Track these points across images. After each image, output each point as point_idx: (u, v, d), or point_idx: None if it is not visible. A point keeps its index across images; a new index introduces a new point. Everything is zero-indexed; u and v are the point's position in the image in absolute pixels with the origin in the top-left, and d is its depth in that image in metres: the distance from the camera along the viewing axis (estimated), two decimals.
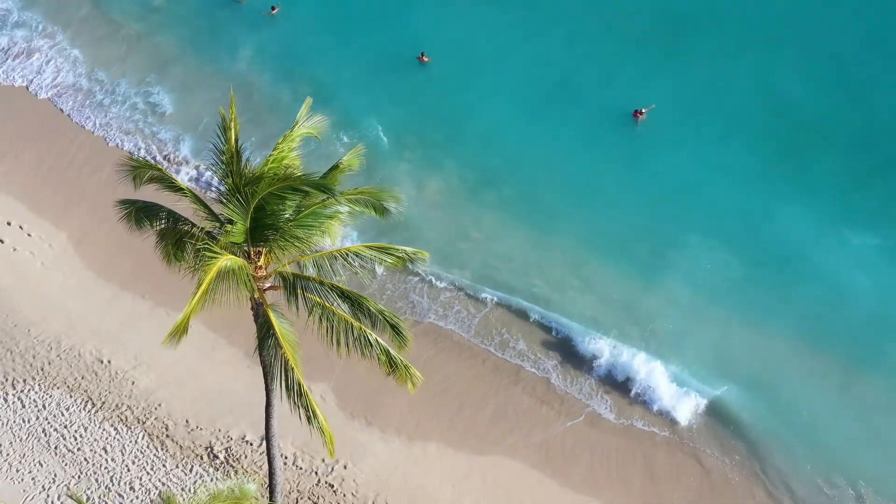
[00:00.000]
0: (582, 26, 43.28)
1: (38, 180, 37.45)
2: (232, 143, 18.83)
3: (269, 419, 22.25)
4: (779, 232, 34.64)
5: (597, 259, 34.44)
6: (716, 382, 30.57)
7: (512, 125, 39.35)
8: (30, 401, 29.59)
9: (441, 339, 32.19)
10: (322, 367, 29.04)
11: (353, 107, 40.15)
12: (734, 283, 33.33)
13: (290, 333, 19.05)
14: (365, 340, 19.52)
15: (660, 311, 32.75)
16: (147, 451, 28.54)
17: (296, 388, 18.37)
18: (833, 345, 31.30)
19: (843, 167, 36.72)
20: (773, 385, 30.43)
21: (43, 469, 27.88)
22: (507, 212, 36.25)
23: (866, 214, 35.01)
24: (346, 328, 19.50)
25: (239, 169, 18.62)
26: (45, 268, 33.80)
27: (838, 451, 28.70)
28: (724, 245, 34.31)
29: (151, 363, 30.90)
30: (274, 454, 22.94)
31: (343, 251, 19.23)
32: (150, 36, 44.23)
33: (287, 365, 18.45)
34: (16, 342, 31.13)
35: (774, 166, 36.80)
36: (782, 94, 39.38)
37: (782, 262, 33.89)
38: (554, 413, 30.10)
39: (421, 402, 29.85)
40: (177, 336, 18.05)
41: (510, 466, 28.69)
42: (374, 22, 44.14)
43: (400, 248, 19.56)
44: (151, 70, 42.50)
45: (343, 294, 19.53)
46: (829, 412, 29.65)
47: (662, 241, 34.68)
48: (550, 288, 33.65)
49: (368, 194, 19.12)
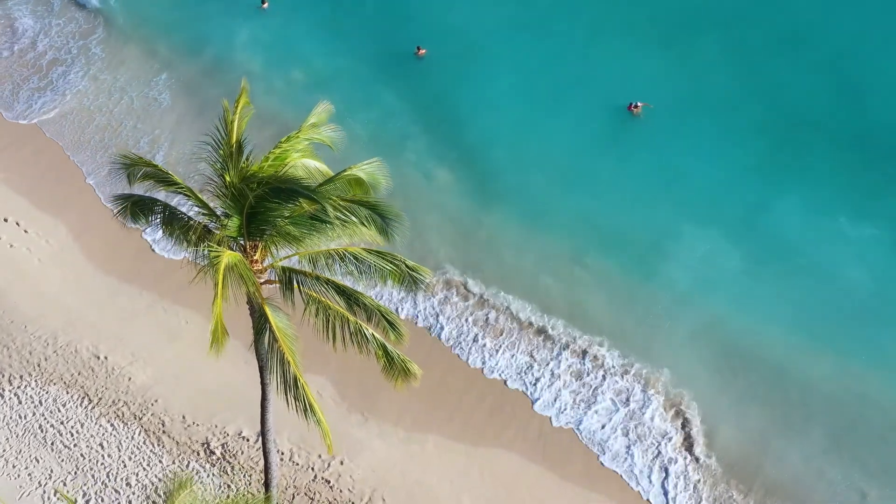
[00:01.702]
0: (579, 19, 43.40)
1: (37, 174, 37.46)
2: (233, 137, 18.71)
3: (264, 414, 22.18)
4: (776, 224, 34.61)
5: (592, 255, 34.28)
6: (710, 382, 30.53)
7: (508, 119, 39.36)
8: (26, 397, 29.54)
9: (437, 335, 32.16)
10: (319, 361, 28.95)
11: (347, 102, 40.00)
12: (732, 274, 33.29)
13: (286, 327, 18.96)
14: (361, 335, 19.45)
15: (658, 311, 32.56)
16: (143, 447, 28.49)
17: (292, 382, 18.30)
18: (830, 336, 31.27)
19: (840, 159, 36.62)
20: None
21: (39, 465, 27.82)
22: (504, 205, 36.23)
23: (865, 205, 34.92)
24: (342, 323, 19.43)
25: (238, 164, 18.48)
26: (42, 264, 33.75)
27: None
28: (721, 236, 34.30)
29: (148, 359, 30.85)
30: (269, 449, 22.88)
31: (341, 251, 19.03)
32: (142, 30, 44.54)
33: (283, 358, 18.39)
34: (13, 338, 31.08)
35: (771, 158, 36.77)
36: (779, 87, 39.36)
37: (779, 254, 33.83)
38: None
39: (418, 397, 29.73)
40: (218, 343, 17.83)
41: (508, 461, 28.62)
42: (368, 15, 44.25)
43: (399, 257, 19.26)
44: (149, 65, 42.70)
45: (339, 289, 19.43)
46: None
47: (658, 236, 34.63)
48: (547, 284, 33.51)
49: (367, 206, 18.44)
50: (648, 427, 29.30)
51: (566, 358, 31.20)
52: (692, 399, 29.80)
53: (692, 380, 30.32)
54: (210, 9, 45.65)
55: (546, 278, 33.61)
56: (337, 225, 18.23)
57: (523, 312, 32.61)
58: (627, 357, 31.09)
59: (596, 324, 32.16)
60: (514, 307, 32.85)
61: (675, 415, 29.52)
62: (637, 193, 36.06)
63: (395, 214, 18.67)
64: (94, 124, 40.19)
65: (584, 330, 31.97)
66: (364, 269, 19.30)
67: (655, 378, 30.40)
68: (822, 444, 28.51)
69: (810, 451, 28.35)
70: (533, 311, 32.63)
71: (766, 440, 28.71)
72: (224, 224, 18.22)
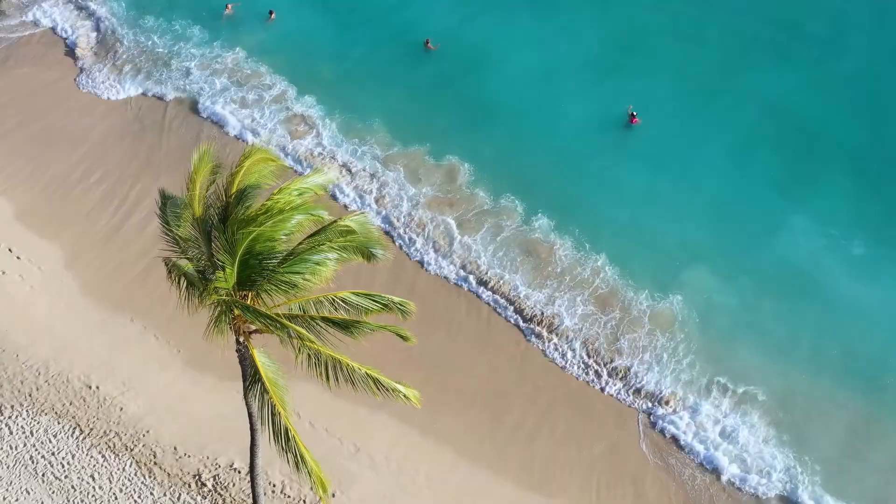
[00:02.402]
0: (588, 31, 44.09)
1: (32, 198, 37.49)
2: (232, 191, 18.94)
3: (253, 458, 22.25)
4: (784, 243, 35.13)
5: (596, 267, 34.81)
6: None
7: (517, 116, 40.15)
8: (17, 427, 29.51)
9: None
10: (310, 392, 29.00)
11: (356, 99, 41.02)
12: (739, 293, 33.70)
13: (277, 377, 19.06)
14: (354, 375, 19.59)
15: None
16: (135, 479, 28.49)
17: (283, 434, 18.38)
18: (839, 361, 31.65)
19: (850, 176, 37.17)
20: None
21: (30, 497, 27.79)
22: (511, 207, 36.85)
23: (873, 224, 35.59)
24: (334, 365, 19.56)
25: (235, 214, 18.62)
26: (33, 291, 33.70)
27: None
28: (728, 255, 34.81)
29: (140, 389, 30.84)
30: (258, 493, 22.94)
31: (330, 296, 19.26)
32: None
33: (274, 409, 18.47)
34: (4, 367, 31.04)
35: (780, 175, 37.34)
36: (787, 103, 39.94)
37: (787, 273, 34.22)
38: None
39: (409, 428, 29.95)
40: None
41: (502, 491, 28.72)
42: (377, 6, 45.16)
43: (386, 297, 19.61)
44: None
45: (334, 323, 19.54)
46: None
47: (667, 251, 35.12)
48: (543, 297, 33.89)
49: (358, 242, 19.06)
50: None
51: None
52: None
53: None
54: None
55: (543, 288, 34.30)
56: (333, 258, 18.77)
57: (520, 326, 32.86)
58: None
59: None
60: (513, 319, 33.35)
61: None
62: (650, 201, 36.72)
63: (381, 244, 20.06)
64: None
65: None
66: (352, 311, 19.68)
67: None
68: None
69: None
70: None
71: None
72: (220, 277, 18.28)
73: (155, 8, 46.78)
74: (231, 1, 46.00)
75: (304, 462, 18.62)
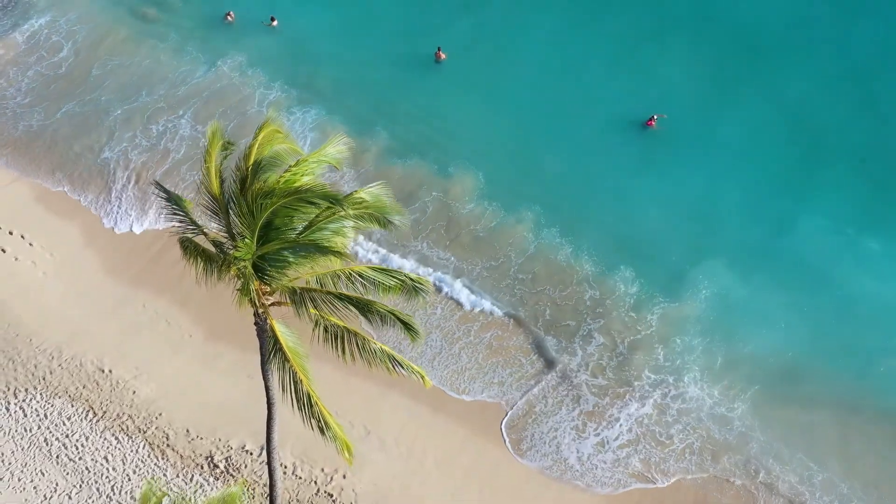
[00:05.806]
0: (601, 31, 44.02)
1: (44, 187, 37.91)
2: (249, 163, 19.26)
3: (270, 432, 22.53)
4: (797, 240, 35.05)
5: (609, 273, 34.56)
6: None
7: (528, 127, 39.88)
8: (32, 410, 29.83)
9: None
10: (322, 373, 29.26)
11: (364, 108, 40.72)
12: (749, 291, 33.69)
13: (297, 346, 19.35)
14: (370, 349, 19.89)
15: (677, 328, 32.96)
16: (148, 461, 28.80)
17: (306, 400, 18.69)
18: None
19: (861, 173, 37.15)
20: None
21: (45, 478, 28.11)
22: (522, 217, 36.63)
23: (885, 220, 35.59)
24: (350, 339, 19.88)
25: (252, 186, 18.93)
26: (46, 277, 34.06)
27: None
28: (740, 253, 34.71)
29: (152, 373, 31.18)
30: (275, 467, 23.24)
31: (346, 270, 19.51)
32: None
33: (296, 376, 18.77)
34: (18, 352, 31.38)
35: (791, 174, 37.28)
36: (798, 101, 39.93)
37: (800, 269, 34.18)
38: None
39: (420, 411, 30.28)
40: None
41: (508, 474, 29.04)
42: (387, 17, 44.95)
43: (402, 273, 19.77)
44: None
45: (350, 300, 19.80)
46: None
47: (679, 251, 35.09)
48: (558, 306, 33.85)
49: (374, 208, 19.31)
50: None
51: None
52: None
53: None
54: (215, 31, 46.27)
55: (555, 299, 34.09)
56: (350, 226, 19.01)
57: (532, 331, 33.08)
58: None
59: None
60: (525, 326, 33.18)
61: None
62: (660, 207, 36.60)
63: (398, 211, 19.86)
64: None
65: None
66: (368, 286, 19.84)
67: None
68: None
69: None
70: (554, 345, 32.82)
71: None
72: (240, 246, 18.58)
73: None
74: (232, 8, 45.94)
75: (328, 427, 18.91)
